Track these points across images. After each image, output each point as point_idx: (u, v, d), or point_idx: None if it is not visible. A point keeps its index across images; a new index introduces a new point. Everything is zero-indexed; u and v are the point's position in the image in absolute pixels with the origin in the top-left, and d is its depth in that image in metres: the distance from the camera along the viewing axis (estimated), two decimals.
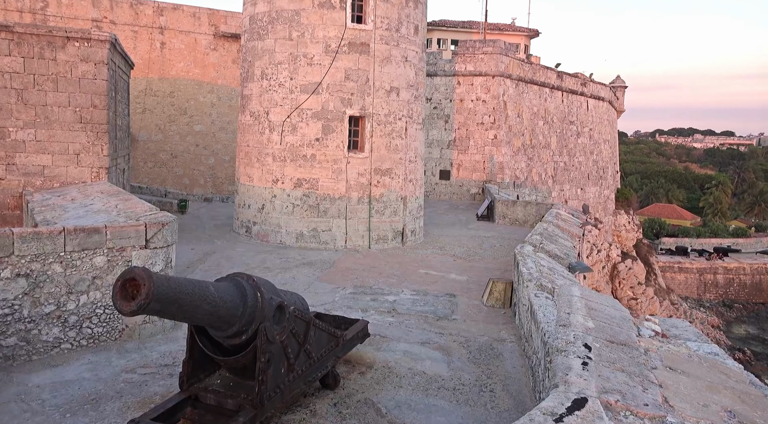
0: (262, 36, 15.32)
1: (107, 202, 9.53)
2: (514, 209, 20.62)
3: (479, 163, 28.60)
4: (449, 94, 29.09)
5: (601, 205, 40.26)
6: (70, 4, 24.14)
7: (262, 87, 15.42)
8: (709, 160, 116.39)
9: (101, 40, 12.64)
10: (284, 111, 15.08)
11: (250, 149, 15.87)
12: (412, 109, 16.04)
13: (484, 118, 28.73)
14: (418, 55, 16.16)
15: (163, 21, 26.08)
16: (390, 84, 15.34)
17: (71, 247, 6.94)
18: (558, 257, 11.29)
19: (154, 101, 26.29)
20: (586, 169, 38.79)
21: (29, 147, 12.55)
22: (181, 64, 26.69)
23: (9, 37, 11.92)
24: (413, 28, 15.78)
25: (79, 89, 12.58)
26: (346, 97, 14.90)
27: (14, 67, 12.07)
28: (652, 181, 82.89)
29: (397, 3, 15.19)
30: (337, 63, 14.74)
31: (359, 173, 15.17)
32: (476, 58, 28.69)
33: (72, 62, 12.41)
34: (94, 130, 12.90)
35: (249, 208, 15.88)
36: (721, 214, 71.92)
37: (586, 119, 39.15)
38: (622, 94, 48.71)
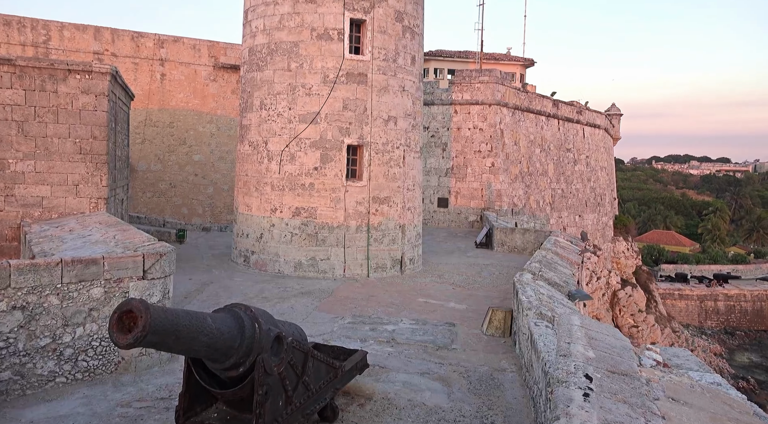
0: (261, 67, 15.53)
1: (105, 233, 9.52)
2: (513, 237, 20.62)
3: (477, 190, 28.71)
4: (446, 123, 29.36)
5: (599, 232, 40.27)
6: (72, 38, 24.51)
7: (260, 117, 15.57)
8: (706, 187, 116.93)
9: (102, 73, 12.80)
10: (283, 140, 15.19)
11: (248, 179, 15.93)
12: (409, 137, 16.17)
13: (481, 146, 28.95)
14: (415, 85, 16.36)
15: (164, 53, 26.45)
16: (387, 113, 15.49)
17: (68, 278, 6.90)
18: (557, 284, 11.25)
19: (153, 132, 26.48)
20: (584, 197, 38.93)
21: (28, 178, 12.59)
22: (181, 94, 26.97)
23: (11, 71, 12.07)
24: (410, 59, 16.02)
25: (80, 121, 12.69)
26: (344, 127, 15.03)
27: (16, 99, 12.19)
28: (650, 208, 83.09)
29: (393, 34, 15.45)
30: (335, 93, 14.91)
31: (357, 202, 15.20)
32: (473, 87, 29.05)
33: (73, 94, 12.54)
34: (94, 161, 12.96)
35: (247, 238, 15.86)
36: (720, 240, 71.93)
37: (583, 147, 39.45)
38: (617, 121, 49.19)
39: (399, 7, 15.48)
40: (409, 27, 15.88)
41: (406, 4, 15.67)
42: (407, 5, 15.73)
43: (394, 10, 15.37)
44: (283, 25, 15.08)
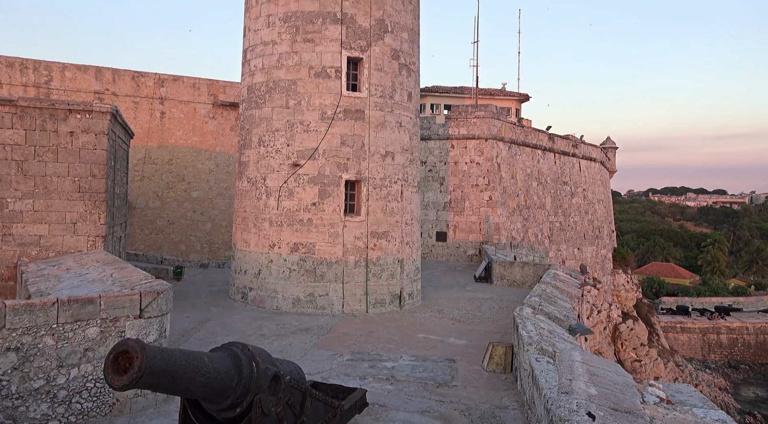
0: (259, 105, 15.73)
1: (102, 272, 9.47)
2: (512, 270, 20.55)
3: (475, 224, 28.74)
4: (443, 157, 29.60)
5: (598, 265, 40.16)
6: (74, 78, 24.89)
7: (259, 153, 15.69)
8: (703, 219, 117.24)
9: (102, 112, 12.96)
10: (281, 176, 15.27)
11: (247, 215, 15.96)
12: (407, 172, 16.27)
13: (478, 180, 29.12)
14: (411, 121, 16.56)
15: (164, 92, 26.82)
16: (385, 149, 15.63)
17: (64, 318, 6.83)
18: (558, 318, 11.15)
19: (152, 169, 26.63)
20: (582, 229, 38.97)
21: (26, 217, 12.60)
22: (180, 132, 27.24)
23: (12, 111, 12.21)
24: (407, 95, 16.26)
25: (79, 159, 12.78)
26: (342, 162, 15.14)
27: (16, 139, 12.31)
28: (648, 240, 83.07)
29: (390, 72, 15.72)
30: (333, 129, 15.07)
31: (356, 237, 15.19)
32: (469, 122, 29.40)
33: (73, 133, 12.66)
34: (93, 199, 13.00)
35: (245, 274, 15.78)
36: (720, 272, 71.72)
37: (579, 180, 39.71)
38: (613, 154, 49.66)
39: (395, 46, 15.80)
40: (405, 64, 16.17)
41: (402, 42, 16.00)
42: (403, 44, 16.05)
43: (390, 49, 15.67)
44: (282, 64, 15.35)
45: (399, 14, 15.89)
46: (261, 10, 15.77)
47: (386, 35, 15.57)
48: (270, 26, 15.53)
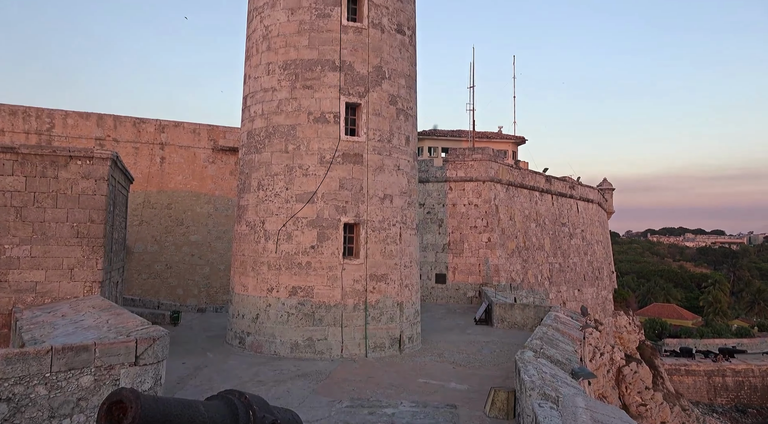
0: (259, 149, 15.90)
1: (98, 318, 9.37)
2: (512, 313, 20.35)
3: (474, 266, 28.63)
4: (442, 200, 29.74)
5: (599, 307, 39.81)
6: (76, 125, 25.23)
7: (258, 197, 15.76)
8: (703, 259, 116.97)
9: (103, 158, 13.08)
10: (280, 220, 15.29)
11: (245, 258, 15.90)
12: (405, 215, 16.32)
13: (477, 222, 29.17)
14: (410, 164, 16.72)
15: (164, 137, 27.16)
16: (383, 192, 15.72)
17: (57, 367, 6.71)
18: (560, 362, 10.98)
19: (151, 213, 26.68)
20: (582, 270, 38.81)
21: (23, 263, 12.54)
22: (180, 176, 27.43)
23: (14, 158, 12.33)
24: (404, 139, 16.46)
25: (78, 205, 12.82)
26: (340, 205, 15.20)
27: (16, 185, 12.38)
28: (648, 281, 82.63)
29: (388, 117, 15.97)
30: (332, 173, 15.19)
31: (355, 280, 15.10)
32: (466, 164, 29.68)
33: (73, 179, 12.75)
34: (90, 244, 12.97)
35: (243, 318, 15.60)
36: (722, 313, 71.06)
37: (578, 221, 39.80)
38: (610, 196, 49.94)
39: (393, 91, 16.10)
40: (403, 109, 16.44)
41: (399, 88, 16.32)
42: (400, 89, 16.37)
43: (388, 94, 15.97)
44: (281, 110, 15.60)
45: (396, 61, 16.26)
46: (261, 59, 16.14)
47: (384, 81, 15.89)
48: (270, 74, 15.86)
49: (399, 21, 16.43)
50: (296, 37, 15.56)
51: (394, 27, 16.26)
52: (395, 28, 16.30)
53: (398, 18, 16.41)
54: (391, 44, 16.15)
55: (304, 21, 15.52)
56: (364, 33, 15.66)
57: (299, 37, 15.53)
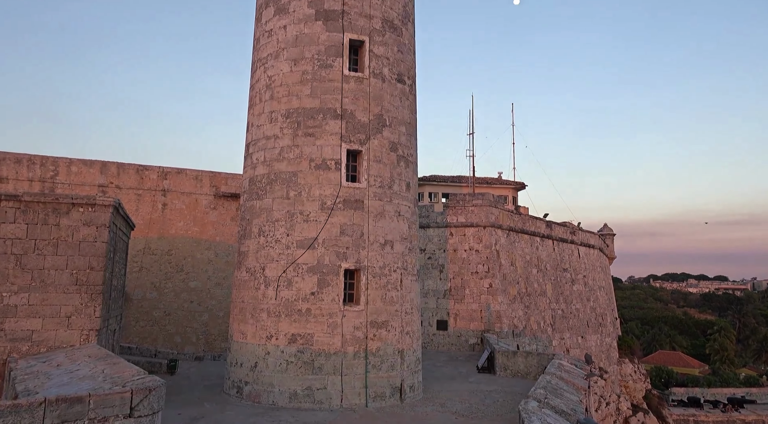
0: (260, 196, 16.00)
1: (94, 368, 9.20)
2: (515, 360, 19.99)
3: (476, 312, 28.32)
4: (442, 245, 29.70)
5: (604, 354, 39.13)
6: (79, 172, 25.48)
7: (259, 243, 15.74)
8: (707, 305, 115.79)
9: (105, 205, 13.15)
10: (280, 266, 15.23)
11: (244, 305, 15.75)
12: (406, 260, 16.25)
13: (478, 268, 29.03)
14: (410, 210, 16.77)
15: (167, 184, 27.38)
16: (384, 237, 15.71)
17: (50, 419, 6.54)
18: (565, 412, 10.72)
19: (151, 259, 26.61)
20: (585, 317, 38.36)
21: (20, 311, 12.42)
22: (181, 223, 27.49)
23: (16, 206, 12.40)
24: (405, 185, 16.58)
25: (79, 252, 12.80)
26: (341, 251, 15.16)
27: (17, 233, 12.40)
28: (653, 328, 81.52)
29: (389, 163, 16.13)
30: (333, 219, 15.23)
31: (355, 327, 14.91)
32: (467, 210, 29.78)
33: (74, 226, 12.78)
34: (89, 291, 12.88)
35: (241, 367, 15.32)
36: (729, 361, 69.80)
37: (579, 266, 39.61)
38: (611, 241, 49.88)
39: (393, 138, 16.33)
40: (404, 156, 16.63)
41: (400, 135, 16.55)
42: (401, 136, 16.60)
43: (388, 141, 16.19)
44: (283, 157, 15.78)
45: (397, 109, 16.56)
46: (264, 107, 16.44)
47: (384, 129, 16.14)
48: (272, 122, 16.12)
49: (399, 71, 16.83)
50: (299, 87, 15.90)
51: (394, 76, 16.63)
52: (396, 78, 16.67)
53: (399, 68, 16.81)
54: (392, 93, 16.48)
55: (306, 71, 15.90)
56: (366, 82, 16.01)
57: (302, 86, 15.87)
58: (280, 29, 16.46)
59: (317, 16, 16.05)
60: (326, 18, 16.01)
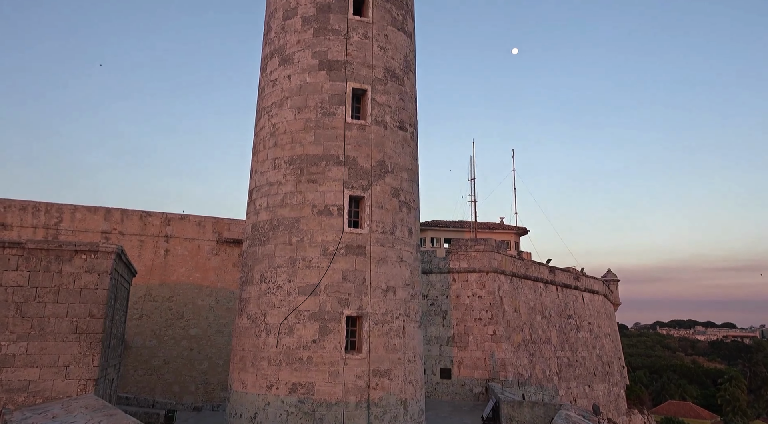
0: (263, 242, 15.99)
1: (90, 419, 8.99)
2: (521, 411, 19.49)
3: (480, 360, 27.80)
4: (445, 291, 29.45)
5: (611, 404, 38.14)
6: (83, 219, 25.61)
7: (260, 290, 15.63)
8: (716, 353, 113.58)
9: (107, 252, 13.15)
10: (282, 313, 15.07)
11: (245, 353, 15.50)
12: (408, 307, 16.09)
13: (481, 314, 28.69)
14: (412, 255, 16.72)
15: (170, 230, 27.45)
16: (386, 283, 15.60)
17: None
18: None
19: (152, 306, 26.39)
20: (591, 365, 37.60)
21: (18, 361, 12.23)
22: (183, 269, 27.40)
23: (19, 253, 12.41)
24: (407, 231, 16.58)
25: (80, 299, 12.71)
26: (343, 298, 15.03)
27: (19, 281, 12.36)
28: (661, 377, 79.70)
29: (391, 209, 16.19)
30: (335, 265, 15.17)
31: (357, 375, 14.62)
32: (469, 255, 29.67)
33: (76, 274, 12.74)
34: (88, 340, 12.72)
35: (240, 418, 14.94)
36: (742, 412, 67.87)
37: (584, 313, 39.12)
38: (615, 287, 49.42)
39: (395, 185, 16.45)
40: (405, 202, 16.71)
41: (401, 181, 16.68)
42: (403, 182, 16.73)
43: (390, 187, 16.30)
44: (286, 203, 15.86)
45: (398, 156, 16.75)
46: (268, 154, 16.66)
47: (387, 175, 16.28)
48: (276, 168, 16.30)
49: (401, 118, 17.12)
50: (302, 134, 16.15)
51: (396, 124, 16.91)
52: (397, 125, 16.94)
53: (400, 115, 17.11)
54: (394, 140, 16.71)
55: (310, 119, 16.18)
56: (368, 130, 16.26)
57: (305, 133, 16.12)
58: (284, 79, 16.86)
59: (321, 66, 16.46)
60: (329, 68, 16.42)
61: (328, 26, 16.68)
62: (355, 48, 16.62)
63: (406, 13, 18.23)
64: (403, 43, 17.76)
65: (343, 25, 16.68)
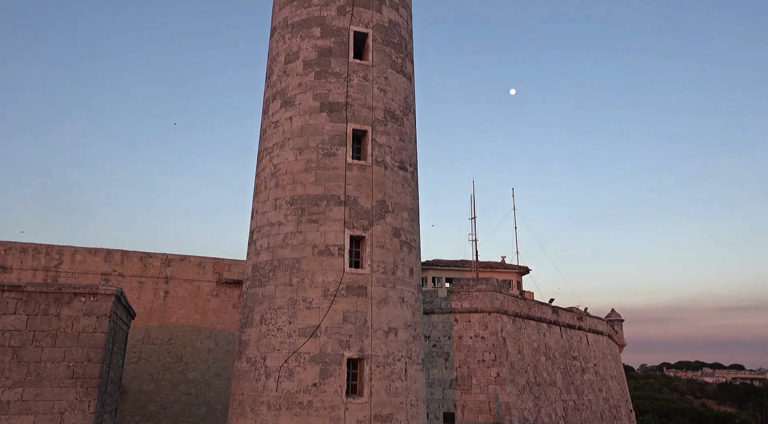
0: (263, 283, 15.88)
1: None
2: None
3: (484, 403, 27.19)
4: (447, 332, 29.06)
5: None
6: (83, 261, 25.52)
7: (260, 332, 15.43)
8: (725, 396, 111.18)
9: (107, 294, 13.05)
10: (282, 355, 14.83)
11: (244, 398, 15.17)
12: (411, 349, 15.84)
13: (484, 356, 28.22)
14: (414, 296, 16.57)
15: (170, 271, 27.31)
16: (388, 325, 15.41)
17: None
18: None
19: (150, 349, 26.00)
20: (598, 409, 36.74)
21: (12, 408, 11.97)
22: (182, 310, 27.14)
23: (18, 297, 12.31)
24: (408, 271, 16.48)
25: (77, 343, 12.54)
26: (344, 340, 14.81)
27: (17, 325, 12.22)
28: (671, 421, 77.76)
29: (392, 249, 16.14)
30: (336, 306, 15.02)
31: (358, 421, 14.26)
32: (471, 295, 29.41)
33: (75, 317, 12.60)
34: (85, 385, 12.48)
35: None
36: None
37: (589, 354, 38.48)
38: (620, 327, 48.79)
39: (396, 224, 16.44)
40: (407, 242, 16.67)
41: (402, 221, 16.69)
42: (404, 222, 16.73)
43: (391, 227, 16.29)
44: (287, 243, 15.83)
45: (399, 196, 16.82)
46: (269, 195, 16.73)
47: (387, 215, 16.30)
48: (277, 208, 16.34)
49: (401, 158, 17.26)
50: (303, 174, 16.26)
51: (396, 164, 17.04)
52: (398, 165, 17.07)
53: (400, 156, 17.25)
54: (394, 180, 16.81)
55: (311, 160, 16.32)
56: (368, 170, 16.37)
57: (306, 174, 16.23)
58: (286, 120, 17.09)
59: (322, 108, 16.71)
60: (330, 109, 16.66)
61: (329, 69, 17.01)
62: (355, 90, 16.91)
63: (406, 57, 18.62)
64: (402, 85, 18.08)
65: (343, 68, 17.02)
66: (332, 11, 17.52)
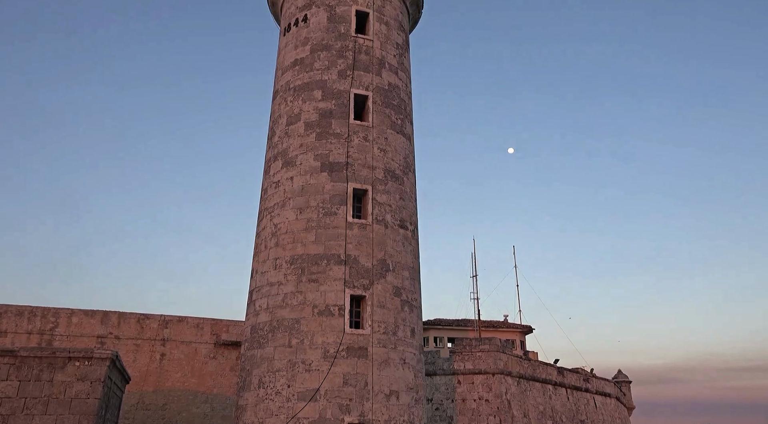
0: (262, 344, 15.55)
1: None
2: None
3: None
4: (450, 394, 28.22)
5: None
6: (80, 323, 25.10)
7: (258, 396, 14.98)
8: None
9: (102, 358, 12.73)
10: (280, 421, 14.33)
11: None
12: (412, 413, 15.32)
13: (489, 419, 27.29)
14: (416, 357, 16.19)
15: (167, 333, 26.80)
16: (389, 388, 14.98)
17: None
18: None
19: (144, 416, 25.15)
20: None
21: None
22: (179, 374, 26.44)
23: (11, 362, 12.01)
24: (410, 331, 16.18)
25: (69, 410, 12.12)
26: (344, 403, 14.36)
27: (8, 392, 11.85)
28: None
29: (393, 308, 15.91)
30: (336, 368, 14.65)
31: None
32: (474, 356, 28.75)
33: (68, 382, 12.24)
34: None
35: None
36: None
37: (597, 418, 37.26)
38: (628, 389, 47.48)
39: (397, 283, 16.28)
40: (408, 301, 16.46)
41: (403, 280, 16.53)
42: (404, 281, 16.57)
43: (392, 286, 16.13)
44: (286, 303, 15.61)
45: (400, 255, 16.73)
46: (269, 254, 16.65)
47: (388, 274, 16.17)
48: (277, 268, 16.22)
49: (401, 217, 17.29)
50: (304, 234, 16.24)
51: (397, 223, 17.05)
52: (398, 224, 17.08)
53: (401, 214, 17.30)
54: (395, 239, 16.78)
55: (311, 219, 16.35)
56: (369, 229, 16.37)
57: (307, 233, 16.22)
58: (287, 180, 17.24)
59: (323, 168, 16.90)
60: (331, 169, 16.84)
61: (330, 130, 17.32)
62: (356, 150, 17.15)
63: (405, 117, 19.01)
64: (402, 145, 18.35)
65: (344, 129, 17.33)
66: (333, 75, 18.03)
